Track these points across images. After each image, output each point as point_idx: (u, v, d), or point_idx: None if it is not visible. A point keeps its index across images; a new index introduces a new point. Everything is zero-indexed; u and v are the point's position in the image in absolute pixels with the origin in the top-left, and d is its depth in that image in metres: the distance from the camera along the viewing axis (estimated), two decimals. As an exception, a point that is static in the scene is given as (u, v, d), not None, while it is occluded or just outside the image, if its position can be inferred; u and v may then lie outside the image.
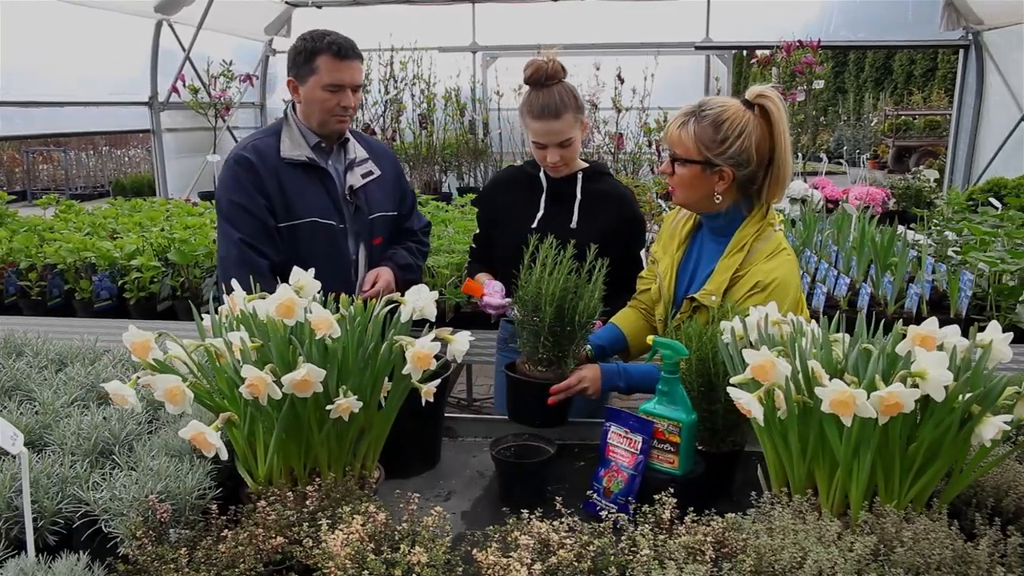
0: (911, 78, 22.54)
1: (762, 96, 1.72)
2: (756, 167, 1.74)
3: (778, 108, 1.72)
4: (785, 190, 1.81)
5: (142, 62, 6.47)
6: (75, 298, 2.96)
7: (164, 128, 6.59)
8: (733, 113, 1.71)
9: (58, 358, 1.90)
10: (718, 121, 1.71)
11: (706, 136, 1.72)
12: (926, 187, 4.77)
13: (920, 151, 16.23)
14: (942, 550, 1.03)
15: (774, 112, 1.71)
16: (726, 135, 1.70)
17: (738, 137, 1.70)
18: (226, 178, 2.08)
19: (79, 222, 3.56)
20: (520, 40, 7.55)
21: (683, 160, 1.76)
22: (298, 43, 2.09)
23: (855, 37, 8.01)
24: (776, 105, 1.72)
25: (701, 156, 1.73)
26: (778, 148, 1.73)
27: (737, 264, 1.77)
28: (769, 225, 1.81)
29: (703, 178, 1.75)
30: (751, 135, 1.71)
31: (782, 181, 1.76)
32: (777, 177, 1.76)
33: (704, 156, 1.73)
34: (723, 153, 1.71)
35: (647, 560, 1.05)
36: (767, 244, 1.78)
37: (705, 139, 1.72)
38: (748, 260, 1.77)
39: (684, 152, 1.75)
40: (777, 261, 1.76)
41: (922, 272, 2.68)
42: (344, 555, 1.04)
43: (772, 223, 1.82)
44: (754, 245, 1.78)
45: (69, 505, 1.24)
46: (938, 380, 1.08)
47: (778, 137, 1.72)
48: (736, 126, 1.70)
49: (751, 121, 1.71)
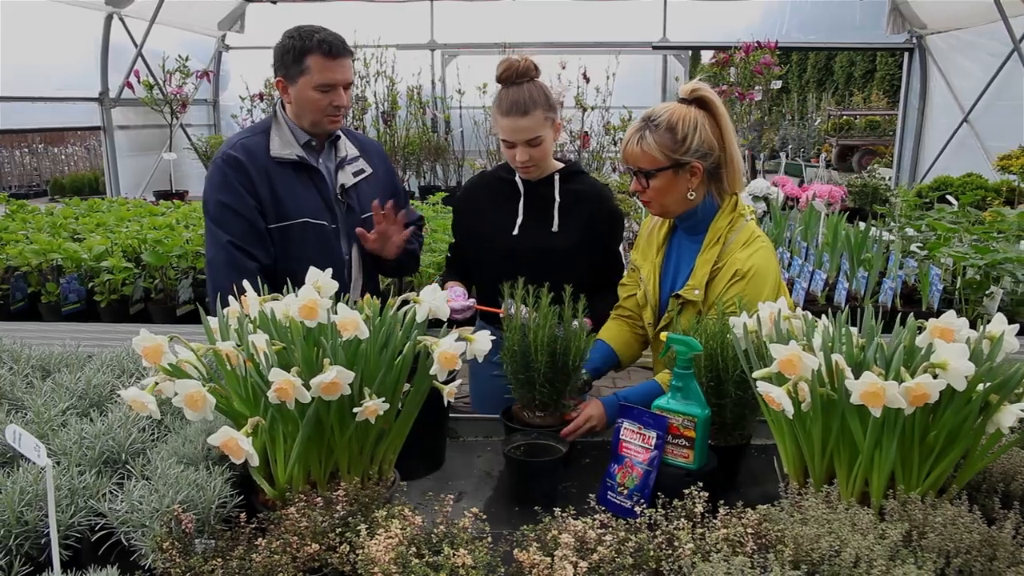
0: (851, 79, 23.24)
1: (696, 91, 1.82)
2: (719, 153, 1.83)
3: (713, 96, 1.82)
4: (742, 175, 1.90)
5: (91, 57, 6.23)
6: (41, 302, 2.83)
7: (116, 125, 6.36)
8: (681, 113, 1.80)
9: (40, 364, 1.82)
10: (671, 124, 1.79)
11: (667, 141, 1.79)
12: (882, 185, 4.93)
13: (862, 150, 16.75)
14: (970, 535, 1.07)
15: (712, 100, 1.82)
16: (684, 134, 1.78)
17: (695, 131, 1.79)
18: (214, 178, 2.01)
19: (37, 222, 3.41)
20: (479, 38, 7.54)
21: (653, 171, 1.82)
22: (285, 41, 2.02)
23: (806, 39, 8.25)
24: (711, 94, 1.82)
25: (669, 160, 1.80)
26: (726, 133, 1.83)
27: (715, 257, 1.83)
28: (740, 216, 1.88)
29: (676, 180, 1.83)
30: (703, 126, 1.80)
31: (737, 164, 1.86)
32: (731, 161, 1.85)
33: (672, 160, 1.79)
34: (687, 150, 1.79)
35: (691, 554, 1.06)
36: (741, 234, 1.85)
37: (667, 144, 1.79)
38: (725, 251, 1.83)
39: (651, 163, 1.81)
40: (752, 248, 1.83)
41: (894, 267, 2.77)
42: (388, 560, 1.03)
43: (743, 214, 1.89)
44: (728, 236, 1.85)
45: (82, 517, 1.20)
46: (959, 370, 1.12)
47: (723, 122, 1.82)
48: (688, 122, 1.79)
49: (697, 115, 1.80)
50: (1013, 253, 2.74)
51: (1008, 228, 3.48)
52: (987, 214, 4.18)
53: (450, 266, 2.37)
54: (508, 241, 2.15)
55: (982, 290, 2.69)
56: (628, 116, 6.16)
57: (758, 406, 1.50)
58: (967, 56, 7.25)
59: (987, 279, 2.73)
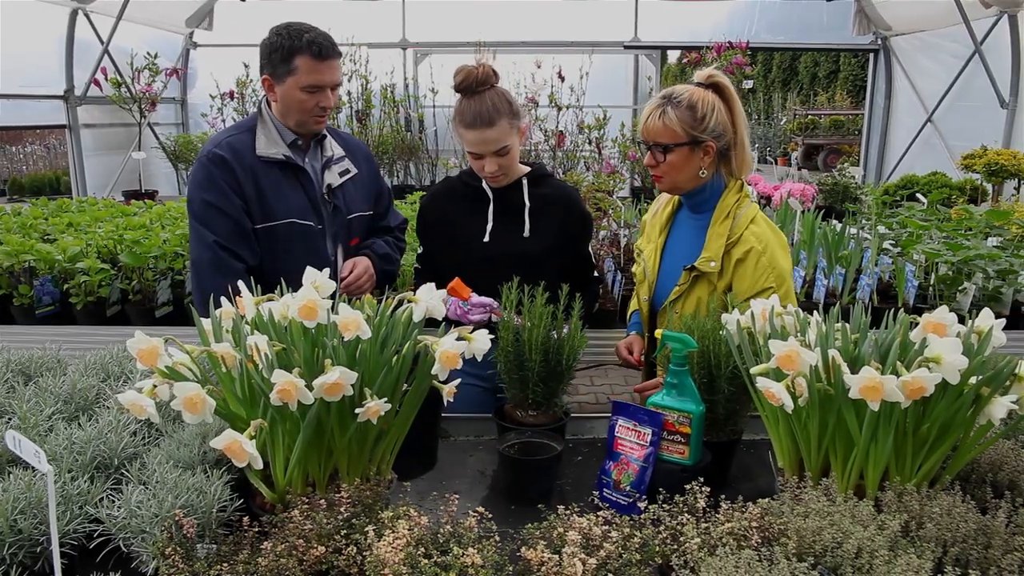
0: (816, 79, 23.65)
1: (712, 76, 1.92)
2: (730, 136, 1.93)
3: (727, 83, 1.94)
4: (751, 161, 2.00)
5: (55, 53, 6.08)
6: (13, 304, 2.76)
7: (81, 124, 6.22)
8: (700, 94, 1.89)
9: (19, 368, 1.78)
10: (692, 102, 1.88)
11: (687, 117, 1.88)
12: (852, 184, 5.03)
13: (827, 149, 17.05)
14: (966, 524, 1.10)
15: (727, 87, 1.93)
16: (703, 113, 1.88)
17: (712, 112, 1.89)
18: (199, 176, 1.97)
19: (5, 223, 3.32)
20: (451, 37, 7.52)
21: (671, 145, 1.90)
22: (274, 39, 1.98)
23: (775, 40, 8.38)
24: (726, 81, 1.93)
25: (688, 136, 1.89)
26: (737, 119, 1.93)
27: (727, 230, 1.93)
28: (746, 197, 1.99)
29: (691, 157, 1.92)
30: (720, 109, 1.91)
31: (746, 149, 1.97)
32: (741, 146, 1.95)
33: (691, 136, 1.89)
34: (705, 129, 1.89)
35: (697, 548, 1.07)
36: (748, 211, 1.96)
37: (687, 120, 1.88)
38: (736, 225, 1.94)
39: (671, 138, 1.90)
40: (761, 227, 1.95)
41: (870, 264, 2.83)
42: (398, 560, 1.02)
43: (748, 195, 2.00)
44: (737, 212, 1.95)
45: (79, 524, 1.17)
46: (953, 364, 1.15)
47: (736, 108, 1.93)
48: (707, 103, 1.89)
49: (714, 98, 1.90)
50: (984, 250, 2.82)
51: (976, 225, 3.58)
52: (953, 211, 4.29)
53: (420, 276, 2.29)
54: (480, 248, 2.12)
55: (955, 286, 2.77)
56: (603, 115, 6.20)
57: (750, 402, 1.53)
58: (930, 57, 7.42)
59: (959, 275, 2.80)
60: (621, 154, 6.14)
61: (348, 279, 2.01)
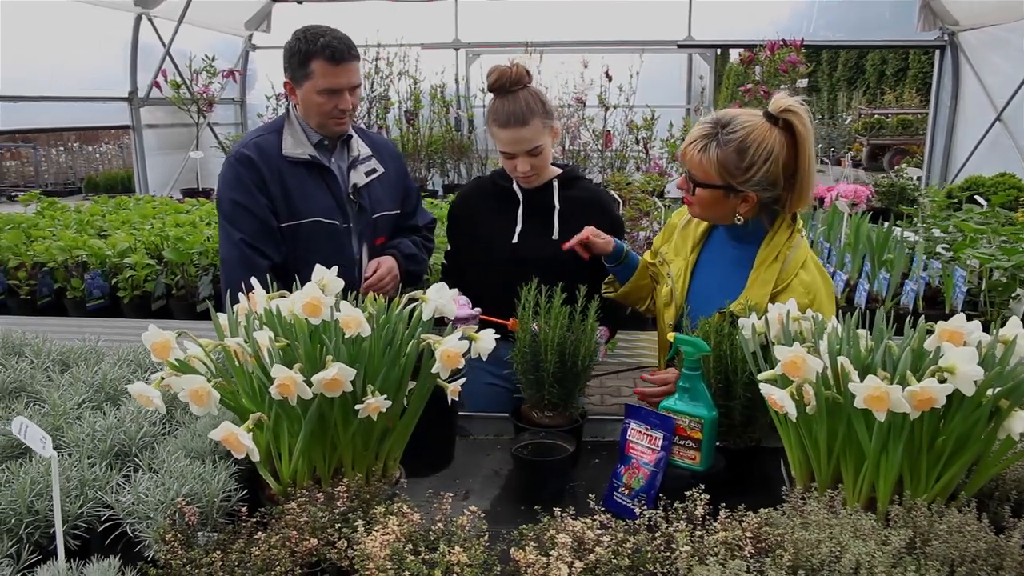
0: (883, 77, 22.86)
1: (789, 111, 1.62)
2: (782, 188, 1.67)
3: (805, 125, 1.62)
4: (810, 200, 1.73)
5: (120, 56, 6.34)
6: (66, 297, 2.90)
7: (144, 124, 6.47)
8: (759, 136, 1.61)
9: (60, 359, 1.86)
10: (743, 147, 1.61)
11: (730, 163, 1.63)
12: (909, 185, 4.84)
13: (893, 149, 16.47)
14: (976, 543, 1.05)
15: (800, 130, 1.62)
16: (752, 161, 1.62)
17: (764, 162, 1.62)
18: (227, 176, 2.03)
19: (65, 220, 3.48)
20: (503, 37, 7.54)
21: (704, 184, 1.69)
22: (292, 43, 2.03)
23: (835, 37, 8.12)
24: (803, 122, 1.62)
25: (723, 182, 1.66)
26: (802, 165, 1.65)
27: (774, 276, 1.71)
28: (797, 232, 1.76)
29: (725, 201, 1.70)
30: (778, 159, 1.62)
31: (805, 195, 1.70)
32: (800, 193, 1.69)
33: (727, 182, 1.65)
34: (747, 181, 1.64)
35: (687, 556, 1.05)
36: (799, 252, 1.74)
37: (729, 166, 1.63)
38: (785, 271, 1.71)
39: (704, 177, 1.68)
40: (811, 273, 1.73)
41: (917, 268, 2.72)
42: (383, 556, 1.03)
43: (799, 229, 1.77)
44: (787, 254, 1.73)
45: (90, 508, 1.22)
46: (968, 375, 1.10)
47: (803, 155, 1.64)
48: (762, 151, 1.61)
49: (777, 142, 1.62)
50: (1041, 255, 2.68)
51: (1039, 230, 3.39)
52: (1019, 215, 4.08)
53: (446, 275, 2.32)
54: (508, 249, 2.13)
55: (1008, 293, 2.63)
56: (652, 115, 6.12)
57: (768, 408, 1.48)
58: (1000, 53, 7.07)
59: (1014, 281, 2.66)
60: (670, 154, 6.05)
61: (371, 279, 2.04)
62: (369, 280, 2.05)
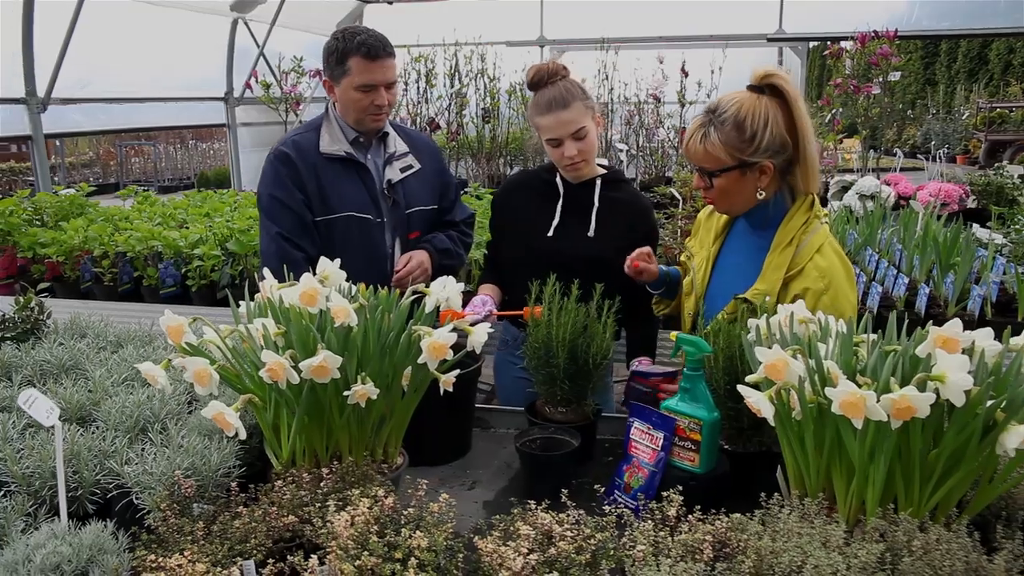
0: (1009, 68, 21.22)
1: (768, 76, 1.64)
2: (792, 149, 1.68)
3: (788, 83, 1.65)
4: (817, 174, 1.73)
5: (218, 59, 6.76)
6: (143, 285, 3.13)
7: (239, 122, 6.86)
8: (750, 106, 1.64)
9: (116, 340, 2.02)
10: (739, 121, 1.64)
11: (733, 139, 1.65)
12: (1008, 184, 4.50)
13: (1015, 146, 15.27)
14: (953, 561, 0.99)
15: (789, 90, 1.64)
16: (753, 131, 1.63)
17: (764, 127, 1.63)
18: (267, 173, 2.15)
19: (152, 212, 3.75)
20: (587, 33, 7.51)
21: (717, 171, 1.69)
22: (331, 43, 2.12)
23: (939, 26, 7.62)
24: (786, 80, 1.65)
25: (735, 160, 1.67)
26: (800, 126, 1.66)
27: (788, 261, 1.70)
28: (816, 218, 1.74)
29: (744, 180, 1.70)
30: (775, 121, 1.64)
31: (812, 162, 1.69)
32: (806, 159, 1.68)
33: (738, 159, 1.66)
34: (756, 150, 1.65)
35: (643, 555, 1.05)
36: (815, 237, 1.71)
37: (734, 142, 1.65)
38: (800, 255, 1.70)
39: (715, 164, 1.69)
40: (828, 258, 1.69)
41: (988, 272, 2.55)
42: (347, 535, 1.08)
43: (819, 215, 1.75)
44: (803, 237, 1.71)
45: (107, 477, 1.33)
46: (957, 384, 1.03)
47: (798, 113, 1.65)
48: (758, 117, 1.63)
49: (769, 107, 1.64)
50: None
51: None
52: None
53: (489, 265, 2.39)
54: (542, 242, 2.15)
55: (1091, 301, 2.42)
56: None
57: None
58: None
59: (1099, 289, 2.45)
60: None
61: (401, 272, 2.10)
62: (399, 273, 2.11)
